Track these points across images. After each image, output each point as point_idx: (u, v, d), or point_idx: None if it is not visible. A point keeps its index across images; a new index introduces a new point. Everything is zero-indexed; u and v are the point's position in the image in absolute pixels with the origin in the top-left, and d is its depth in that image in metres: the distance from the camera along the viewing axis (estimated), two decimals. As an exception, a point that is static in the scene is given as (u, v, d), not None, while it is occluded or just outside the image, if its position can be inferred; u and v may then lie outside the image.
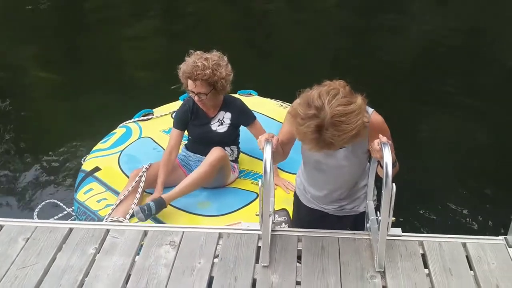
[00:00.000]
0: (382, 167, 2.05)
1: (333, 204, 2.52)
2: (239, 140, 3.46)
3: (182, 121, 3.31)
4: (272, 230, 2.42)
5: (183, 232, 2.49)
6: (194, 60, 3.07)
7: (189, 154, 3.40)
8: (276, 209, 2.96)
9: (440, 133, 4.56)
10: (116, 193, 3.26)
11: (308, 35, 7.39)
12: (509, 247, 2.36)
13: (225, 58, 3.18)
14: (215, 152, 3.17)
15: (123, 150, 3.61)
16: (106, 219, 3.02)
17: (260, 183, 2.10)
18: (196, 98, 3.15)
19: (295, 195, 2.70)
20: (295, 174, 3.31)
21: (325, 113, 1.93)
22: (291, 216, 2.99)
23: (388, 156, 1.98)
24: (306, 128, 1.96)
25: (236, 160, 3.43)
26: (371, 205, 2.46)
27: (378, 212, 2.23)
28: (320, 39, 7.21)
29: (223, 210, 3.11)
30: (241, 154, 3.50)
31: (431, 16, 7.99)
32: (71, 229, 2.53)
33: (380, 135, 2.07)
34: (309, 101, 1.98)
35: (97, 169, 3.44)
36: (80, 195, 3.30)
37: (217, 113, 3.28)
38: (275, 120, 3.79)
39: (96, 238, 2.46)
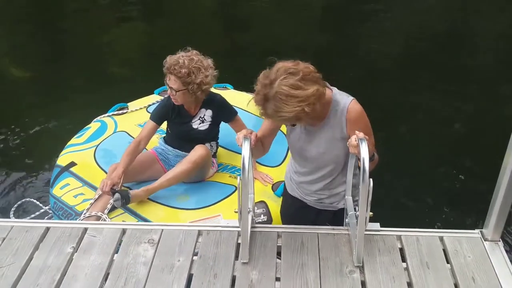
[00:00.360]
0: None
1: (313, 196, 2.54)
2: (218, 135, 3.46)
3: (161, 115, 3.26)
4: (252, 227, 2.43)
5: (162, 230, 2.48)
6: (180, 56, 3.06)
7: (168, 148, 3.38)
8: (254, 201, 2.97)
9: (418, 127, 4.61)
10: (93, 187, 3.21)
11: (287, 27, 7.39)
12: (485, 240, 2.41)
13: (212, 71, 3.14)
14: (199, 151, 3.16)
15: (98, 144, 3.57)
16: (84, 213, 2.99)
17: (238, 180, 2.10)
18: (168, 91, 3.14)
19: (284, 184, 2.75)
20: (273, 167, 3.34)
21: (273, 88, 2.06)
22: (269, 208, 3.05)
23: (365, 152, 1.99)
24: (257, 94, 2.12)
25: (214, 155, 3.44)
26: (349, 200, 2.47)
27: (356, 208, 2.25)
28: (299, 32, 7.21)
29: (202, 203, 3.11)
30: (219, 148, 3.50)
31: (417, 5, 8.05)
32: (48, 228, 2.50)
33: (357, 131, 2.08)
34: (269, 73, 2.11)
35: (72, 164, 3.40)
36: (56, 190, 3.26)
37: (199, 110, 3.26)
38: (250, 113, 3.78)
39: (73, 237, 2.44)
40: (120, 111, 3.94)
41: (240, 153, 3.46)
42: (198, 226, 2.56)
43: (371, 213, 2.15)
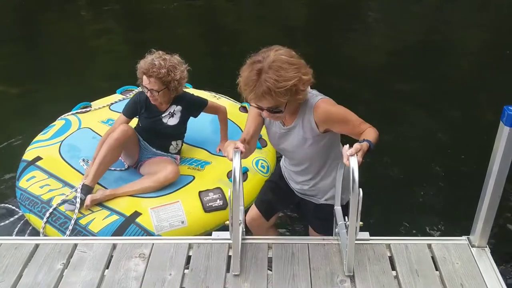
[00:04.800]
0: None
1: (297, 185, 2.60)
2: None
3: (131, 110, 3.38)
4: (243, 239, 2.44)
5: (153, 244, 2.48)
6: (152, 58, 3.18)
7: (140, 138, 3.46)
8: (211, 188, 3.21)
9: (403, 135, 4.65)
10: (59, 179, 3.31)
11: (263, 36, 7.44)
12: (472, 246, 2.45)
13: (184, 65, 3.30)
14: (169, 173, 3.25)
15: (63, 140, 3.68)
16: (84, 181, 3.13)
17: (229, 193, 2.11)
18: (148, 94, 3.24)
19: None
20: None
21: (269, 59, 2.09)
22: (225, 193, 3.21)
23: (354, 163, 2.01)
24: (249, 72, 2.10)
25: (179, 152, 3.55)
26: (339, 210, 2.50)
27: (346, 217, 2.27)
28: (273, 36, 7.27)
29: (162, 192, 3.22)
30: None
31: (394, 19, 8.19)
32: (37, 245, 2.48)
33: (345, 148, 2.06)
34: (257, 55, 2.14)
35: (38, 158, 3.50)
36: (23, 183, 3.34)
37: (169, 107, 3.37)
38: None
39: (63, 253, 2.43)
40: (84, 109, 4.06)
41: (201, 148, 3.61)
42: (189, 239, 2.55)
43: (361, 223, 2.17)
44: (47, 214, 3.06)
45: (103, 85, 5.08)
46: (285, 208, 3.22)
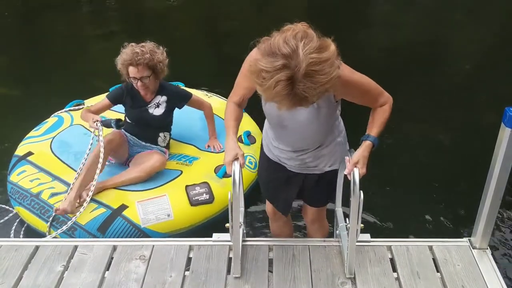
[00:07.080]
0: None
1: (295, 160, 2.28)
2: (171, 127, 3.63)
3: (116, 96, 3.42)
4: (243, 240, 2.43)
5: (153, 245, 2.48)
6: (131, 49, 3.23)
7: (128, 135, 3.50)
8: (197, 182, 3.22)
9: (404, 138, 4.64)
10: (49, 173, 3.36)
11: (255, 27, 7.43)
12: (473, 248, 2.44)
13: (161, 47, 3.35)
14: (155, 162, 3.29)
15: (55, 136, 3.73)
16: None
17: (229, 196, 2.10)
18: (139, 84, 3.27)
19: (261, 146, 2.46)
20: (217, 153, 3.55)
21: (297, 62, 1.62)
22: (212, 188, 3.22)
23: (355, 174, 2.01)
24: (275, 83, 1.64)
25: (167, 146, 3.59)
26: (340, 212, 2.50)
27: (347, 219, 2.27)
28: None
29: (149, 185, 3.24)
30: None
31: (394, 19, 8.19)
32: (37, 247, 2.48)
33: (349, 162, 2.04)
34: (274, 50, 1.65)
35: (29, 153, 3.55)
36: (13, 177, 3.40)
37: (154, 97, 3.42)
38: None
39: (63, 255, 2.43)
40: (77, 107, 4.09)
41: (188, 143, 3.65)
42: (189, 241, 2.55)
43: (362, 225, 2.16)
44: (47, 216, 3.05)
45: (98, 83, 5.11)
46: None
